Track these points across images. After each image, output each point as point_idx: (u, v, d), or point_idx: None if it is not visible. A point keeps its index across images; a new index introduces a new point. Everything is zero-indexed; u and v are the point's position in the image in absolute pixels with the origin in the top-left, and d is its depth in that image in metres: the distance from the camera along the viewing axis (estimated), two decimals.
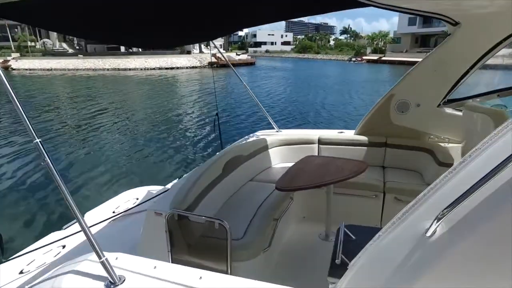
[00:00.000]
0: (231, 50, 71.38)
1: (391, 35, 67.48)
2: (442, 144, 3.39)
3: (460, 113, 3.33)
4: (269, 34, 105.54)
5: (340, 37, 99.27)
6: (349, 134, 3.80)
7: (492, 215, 0.94)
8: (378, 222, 3.14)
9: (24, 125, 1.47)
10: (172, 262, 2.16)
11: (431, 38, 54.55)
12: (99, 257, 1.42)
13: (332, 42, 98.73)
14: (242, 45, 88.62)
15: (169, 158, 9.40)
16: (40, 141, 1.45)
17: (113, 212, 3.80)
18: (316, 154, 3.75)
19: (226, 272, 2.04)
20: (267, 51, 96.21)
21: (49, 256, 2.93)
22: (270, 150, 3.68)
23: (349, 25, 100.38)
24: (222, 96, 20.20)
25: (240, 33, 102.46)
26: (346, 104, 18.99)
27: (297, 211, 3.29)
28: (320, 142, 3.74)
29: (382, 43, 70.15)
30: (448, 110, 3.38)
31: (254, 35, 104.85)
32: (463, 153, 3.17)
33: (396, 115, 3.52)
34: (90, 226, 3.41)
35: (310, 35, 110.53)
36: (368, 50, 67.38)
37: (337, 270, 1.40)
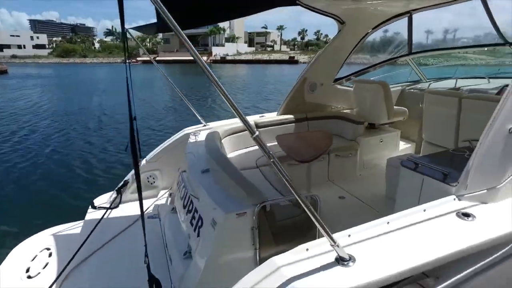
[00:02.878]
0: None
1: (160, 36, 70.40)
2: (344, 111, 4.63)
3: (347, 88, 4.66)
4: (12, 35, 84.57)
5: (106, 39, 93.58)
6: (273, 116, 4.40)
7: None
8: (326, 176, 3.99)
9: (241, 120, 1.33)
10: (260, 259, 2.14)
11: (197, 37, 61.43)
12: (333, 242, 1.46)
13: (97, 45, 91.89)
14: None
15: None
16: (256, 136, 1.33)
17: (28, 277, 2.87)
18: None
19: None
20: (14, 56, 77.53)
21: None
22: (223, 141, 3.77)
23: (112, 26, 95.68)
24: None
25: None
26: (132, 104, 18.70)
27: None
28: (257, 126, 4.15)
29: (150, 44, 72.09)
30: (340, 87, 4.64)
31: None
32: (356, 115, 4.49)
33: (308, 94, 4.42)
34: None
35: (68, 37, 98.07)
36: (141, 51, 67.58)
37: (450, 177, 2.03)
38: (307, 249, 1.54)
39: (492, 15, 4.20)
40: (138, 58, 65.36)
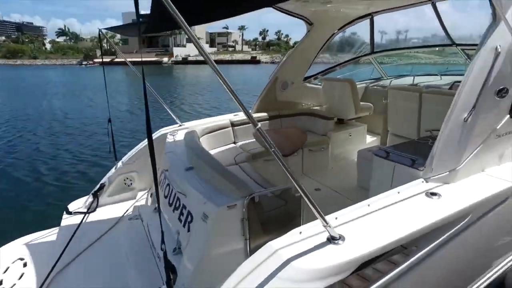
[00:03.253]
0: None
1: (118, 36, 67.76)
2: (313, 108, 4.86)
3: (316, 86, 4.90)
4: None
5: (58, 40, 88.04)
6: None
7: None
8: (301, 170, 4.19)
9: (244, 113, 1.43)
10: (250, 249, 2.25)
11: (158, 38, 60.00)
12: (326, 222, 1.61)
13: (49, 45, 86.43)
14: None
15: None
16: (259, 127, 1.42)
17: None
18: (232, 136, 4.24)
19: None
20: None
21: None
22: (201, 139, 3.83)
23: (65, 26, 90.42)
24: None
25: None
26: (89, 108, 18.05)
27: None
28: (233, 125, 4.25)
29: (108, 45, 69.24)
30: (309, 85, 4.87)
31: None
32: (326, 111, 4.74)
33: (280, 92, 4.60)
34: None
35: (14, 36, 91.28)
36: (98, 52, 64.74)
37: (417, 163, 2.27)
38: (300, 232, 1.68)
39: (442, 19, 4.65)
40: (96, 60, 62.58)
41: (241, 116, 4.47)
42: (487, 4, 2.14)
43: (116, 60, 60.12)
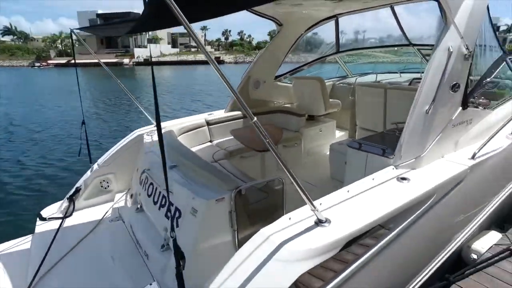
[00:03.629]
0: None
1: (74, 36, 64.34)
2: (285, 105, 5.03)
3: (286, 84, 5.08)
4: None
5: (4, 39, 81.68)
6: (220, 113, 4.61)
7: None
8: (276, 165, 4.34)
9: (240, 105, 1.50)
10: (238, 241, 2.36)
11: (117, 39, 57.66)
12: (314, 207, 1.76)
13: None
14: None
15: None
16: (255, 121, 1.51)
17: None
18: (208, 135, 4.31)
19: None
20: None
21: None
22: (178, 138, 3.87)
23: (11, 24, 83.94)
24: None
25: None
26: (48, 111, 16.55)
27: None
28: (208, 124, 4.31)
29: (63, 46, 65.52)
30: (280, 83, 5.04)
31: None
32: (297, 109, 4.93)
33: (252, 91, 4.73)
34: None
35: None
36: (53, 53, 61.04)
37: (386, 153, 2.49)
38: (289, 218, 1.83)
39: (400, 21, 5.03)
40: (50, 61, 59.05)
41: (215, 115, 4.55)
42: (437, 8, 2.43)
43: (73, 61, 57.25)
